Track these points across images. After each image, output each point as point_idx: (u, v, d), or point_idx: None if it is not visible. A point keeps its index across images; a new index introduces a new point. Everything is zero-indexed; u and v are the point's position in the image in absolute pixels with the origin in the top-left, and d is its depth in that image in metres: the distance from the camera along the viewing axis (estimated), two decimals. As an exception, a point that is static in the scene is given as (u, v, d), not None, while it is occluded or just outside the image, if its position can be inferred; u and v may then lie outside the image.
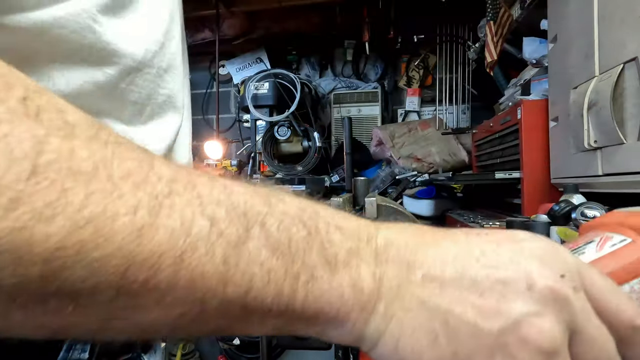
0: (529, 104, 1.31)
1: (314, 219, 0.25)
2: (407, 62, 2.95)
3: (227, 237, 0.22)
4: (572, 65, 1.05)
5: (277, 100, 2.58)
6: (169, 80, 0.44)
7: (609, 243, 0.28)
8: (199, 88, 3.33)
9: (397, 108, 3.02)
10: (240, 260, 0.22)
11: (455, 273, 0.24)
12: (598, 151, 0.92)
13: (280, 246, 0.23)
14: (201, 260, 0.21)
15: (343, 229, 0.25)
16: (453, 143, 2.48)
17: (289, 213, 0.24)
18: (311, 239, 0.24)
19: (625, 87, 0.81)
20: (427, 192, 2.06)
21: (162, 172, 0.22)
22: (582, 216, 0.74)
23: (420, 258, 0.25)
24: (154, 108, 0.43)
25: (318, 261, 0.24)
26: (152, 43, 0.41)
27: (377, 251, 0.25)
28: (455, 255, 0.25)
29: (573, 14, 1.05)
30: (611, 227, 0.29)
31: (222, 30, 2.97)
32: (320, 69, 3.12)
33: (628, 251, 0.27)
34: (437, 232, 0.27)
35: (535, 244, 0.25)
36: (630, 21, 0.80)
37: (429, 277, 0.24)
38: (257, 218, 0.23)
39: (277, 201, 0.25)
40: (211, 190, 0.23)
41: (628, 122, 0.81)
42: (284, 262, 0.23)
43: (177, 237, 0.20)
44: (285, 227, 0.23)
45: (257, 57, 3.14)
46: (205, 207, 0.22)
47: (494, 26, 1.58)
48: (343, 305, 0.24)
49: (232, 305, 0.22)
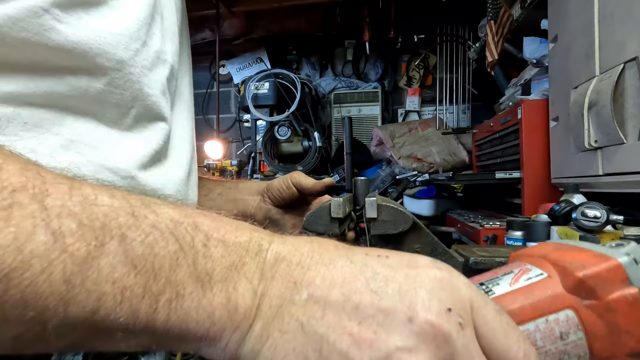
0: (529, 104, 1.31)
1: (190, 232, 0.23)
2: (408, 61, 2.95)
3: (73, 252, 0.20)
4: (572, 65, 1.05)
5: (278, 100, 2.58)
6: (155, 79, 0.41)
7: (525, 276, 0.27)
8: (199, 88, 3.33)
9: (397, 108, 3.02)
10: (87, 278, 0.20)
11: (341, 296, 0.23)
12: (598, 151, 0.92)
13: (141, 262, 0.21)
14: (35, 280, 0.19)
15: (227, 242, 0.24)
16: (453, 143, 2.48)
17: (159, 226, 0.23)
18: (182, 254, 0.22)
19: (625, 86, 0.81)
20: (427, 192, 2.06)
21: (8, 180, 0.20)
22: (583, 216, 0.74)
23: (309, 276, 0.24)
24: (141, 110, 0.40)
25: (187, 277, 0.22)
26: (132, 40, 0.37)
27: (265, 266, 0.24)
28: (345, 276, 0.24)
29: (573, 14, 1.05)
30: (533, 259, 0.28)
31: (223, 30, 2.97)
32: (321, 68, 3.12)
33: (541, 287, 0.26)
34: (337, 249, 0.26)
35: (432, 273, 0.24)
36: (630, 21, 0.80)
37: (313, 297, 0.23)
38: (117, 231, 0.21)
39: (148, 212, 0.23)
40: (66, 201, 0.21)
41: (628, 122, 0.81)
42: (144, 279, 0.21)
43: (5, 255, 0.19)
44: (150, 241, 0.22)
45: (257, 57, 3.14)
46: (51, 220, 0.20)
47: (494, 26, 1.58)
48: (213, 325, 0.23)
49: (78, 324, 0.21)
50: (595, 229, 0.74)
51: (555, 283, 0.26)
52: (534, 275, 0.27)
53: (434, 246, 0.44)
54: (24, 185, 0.21)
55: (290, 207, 0.69)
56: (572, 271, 0.25)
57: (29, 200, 0.20)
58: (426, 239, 0.44)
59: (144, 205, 0.23)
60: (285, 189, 0.67)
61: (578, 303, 0.25)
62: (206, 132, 3.21)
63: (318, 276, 0.24)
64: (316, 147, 2.55)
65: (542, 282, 0.26)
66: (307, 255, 0.25)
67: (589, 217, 0.74)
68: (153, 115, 0.41)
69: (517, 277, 0.27)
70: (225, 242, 0.24)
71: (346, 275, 0.24)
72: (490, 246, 0.72)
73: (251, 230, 0.26)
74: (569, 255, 0.27)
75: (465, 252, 0.44)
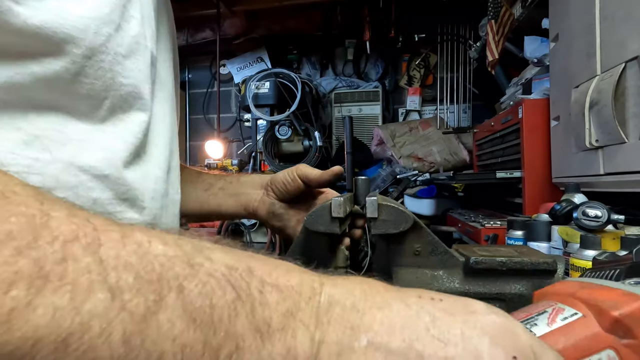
0: (530, 103, 1.31)
1: (245, 278, 0.22)
2: (408, 61, 2.95)
3: (132, 310, 0.18)
4: (573, 64, 1.05)
5: (278, 99, 2.58)
6: (132, 67, 0.37)
7: (560, 316, 0.27)
8: (200, 87, 3.34)
9: (398, 107, 3.02)
10: (147, 338, 0.19)
11: (402, 343, 0.22)
12: (599, 150, 0.92)
13: (200, 315, 0.20)
14: (93, 343, 0.17)
15: (281, 287, 0.23)
16: (454, 142, 2.48)
17: (215, 274, 0.21)
18: (240, 303, 0.21)
19: (626, 86, 0.81)
20: (428, 191, 2.06)
21: (59, 230, 0.18)
22: (584, 215, 0.74)
23: (366, 321, 0.23)
24: (115, 101, 0.36)
25: (246, 328, 0.21)
26: (104, 24, 0.33)
27: (319, 311, 0.23)
28: (404, 322, 0.23)
29: (574, 13, 1.04)
30: (562, 298, 0.28)
31: (223, 30, 2.97)
32: (321, 68, 3.12)
33: (579, 327, 0.26)
34: (388, 291, 0.25)
35: (489, 318, 0.23)
36: (631, 20, 0.80)
37: (374, 345, 0.22)
38: (175, 282, 0.20)
39: (202, 259, 0.22)
40: (120, 250, 0.20)
41: (630, 121, 0.81)
42: (204, 334, 0.20)
43: (62, 318, 0.17)
44: (208, 291, 0.21)
45: (257, 57, 3.14)
46: (108, 274, 0.18)
47: (495, 25, 1.58)
48: None
49: None
50: (596, 228, 0.74)
51: (593, 323, 0.26)
52: (569, 315, 0.27)
53: (435, 246, 0.44)
54: (76, 235, 0.19)
55: (295, 201, 0.65)
56: (608, 310, 0.25)
57: (82, 251, 0.18)
58: (427, 238, 0.44)
59: (197, 252, 0.22)
60: (291, 182, 0.63)
61: (617, 342, 0.25)
62: (207, 132, 3.22)
63: (375, 321, 0.23)
64: (317, 147, 2.55)
65: (579, 321, 0.26)
66: (360, 297, 0.24)
67: (590, 217, 0.74)
68: (130, 107, 0.38)
69: (553, 317, 0.27)
70: (279, 287, 0.23)
71: (404, 320, 0.23)
72: (491, 246, 0.72)
73: (300, 272, 0.25)
74: (598, 294, 0.27)
75: (466, 251, 0.44)
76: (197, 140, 3.31)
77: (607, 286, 0.28)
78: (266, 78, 2.60)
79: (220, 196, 0.67)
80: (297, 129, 2.58)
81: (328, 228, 0.44)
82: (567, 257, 0.70)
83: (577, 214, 0.75)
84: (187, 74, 3.34)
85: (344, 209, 0.43)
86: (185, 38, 3.05)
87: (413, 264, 0.44)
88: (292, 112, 2.53)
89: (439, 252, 0.44)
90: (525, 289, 0.41)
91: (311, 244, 0.47)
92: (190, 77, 3.36)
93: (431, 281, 0.43)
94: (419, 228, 0.44)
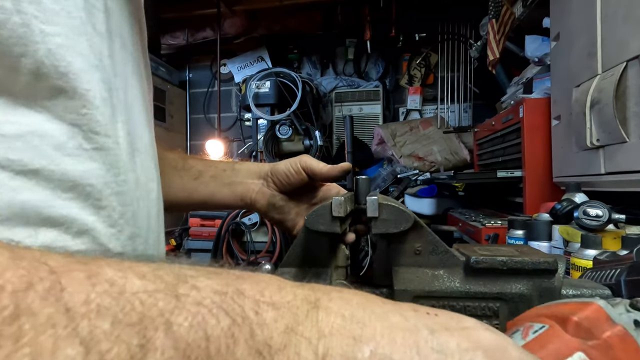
0: (531, 103, 1.30)
1: (237, 301, 0.21)
2: (409, 60, 2.94)
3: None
4: (574, 63, 1.05)
5: (279, 99, 2.58)
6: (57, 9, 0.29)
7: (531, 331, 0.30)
8: (201, 87, 3.34)
9: (398, 106, 3.02)
10: None
11: (404, 355, 0.22)
12: (600, 150, 0.92)
13: (195, 351, 0.18)
14: None
15: (277, 304, 0.22)
16: (455, 142, 2.48)
17: (204, 302, 0.19)
18: (237, 329, 0.20)
19: (628, 85, 0.81)
20: (428, 190, 2.06)
21: (2, 278, 0.15)
22: (585, 215, 0.74)
23: (368, 332, 0.22)
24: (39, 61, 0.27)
25: (247, 355, 0.19)
26: None
27: (320, 323, 0.22)
28: (404, 334, 0.23)
29: (575, 12, 1.04)
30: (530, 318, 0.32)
31: (224, 29, 2.97)
32: (322, 67, 3.12)
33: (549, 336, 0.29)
34: (385, 304, 0.25)
35: (483, 334, 0.24)
36: (633, 19, 0.80)
37: (377, 355, 0.22)
38: (160, 320, 0.18)
39: (188, 289, 0.20)
40: (89, 293, 0.17)
41: (631, 121, 0.81)
42: None
43: None
44: (200, 322, 0.19)
45: (258, 56, 3.14)
46: (77, 325, 0.16)
47: (496, 24, 1.58)
48: None
49: None
50: (597, 228, 0.74)
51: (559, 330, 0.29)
52: (538, 328, 0.29)
53: (435, 245, 0.44)
54: (28, 282, 0.15)
55: (296, 193, 0.62)
56: (568, 317, 0.28)
57: (40, 302, 0.15)
58: (427, 238, 0.44)
59: (181, 281, 0.20)
60: (294, 174, 0.60)
61: (584, 345, 0.27)
62: (207, 131, 3.22)
63: (376, 332, 0.23)
64: (317, 146, 2.55)
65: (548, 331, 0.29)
66: (358, 308, 0.24)
67: (591, 216, 0.74)
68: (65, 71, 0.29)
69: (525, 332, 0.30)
70: (275, 305, 0.22)
71: (404, 332, 0.23)
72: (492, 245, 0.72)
73: (293, 287, 0.24)
74: (558, 308, 0.30)
75: (467, 251, 0.44)
76: (197, 139, 3.31)
77: (565, 302, 0.32)
78: (267, 77, 2.61)
79: (213, 185, 0.62)
80: (297, 128, 2.58)
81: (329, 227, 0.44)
82: (567, 256, 0.70)
83: (577, 213, 0.75)
84: (187, 73, 3.35)
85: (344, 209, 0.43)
86: (186, 37, 3.05)
87: (413, 264, 0.44)
88: (293, 111, 2.53)
89: (439, 251, 0.44)
90: (526, 289, 0.41)
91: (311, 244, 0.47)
92: (190, 76, 3.36)
93: (432, 280, 0.43)
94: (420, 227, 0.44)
